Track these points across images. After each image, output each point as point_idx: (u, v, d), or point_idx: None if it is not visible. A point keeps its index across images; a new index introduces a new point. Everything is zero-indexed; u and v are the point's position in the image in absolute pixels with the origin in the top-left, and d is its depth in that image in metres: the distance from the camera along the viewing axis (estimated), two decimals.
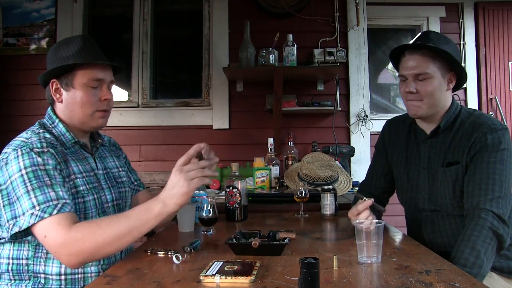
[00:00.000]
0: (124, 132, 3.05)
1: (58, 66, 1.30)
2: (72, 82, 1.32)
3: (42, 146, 1.21)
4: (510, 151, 1.37)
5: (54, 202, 1.13)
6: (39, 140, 1.22)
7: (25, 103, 3.03)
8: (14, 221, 1.13)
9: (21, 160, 1.16)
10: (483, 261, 1.20)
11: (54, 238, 1.10)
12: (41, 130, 1.29)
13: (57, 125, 1.34)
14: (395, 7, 3.22)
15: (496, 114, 3.18)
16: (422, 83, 1.42)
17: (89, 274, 1.27)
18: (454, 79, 1.46)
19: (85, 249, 1.10)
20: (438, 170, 1.46)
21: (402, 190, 1.62)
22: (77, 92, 1.32)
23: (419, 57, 1.41)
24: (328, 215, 1.80)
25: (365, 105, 3.03)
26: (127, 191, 1.51)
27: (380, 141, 1.73)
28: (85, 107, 1.33)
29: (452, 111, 1.47)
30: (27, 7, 3.09)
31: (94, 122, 1.36)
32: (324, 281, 0.94)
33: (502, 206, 1.29)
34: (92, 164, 1.39)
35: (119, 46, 3.28)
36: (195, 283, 0.96)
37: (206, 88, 3.09)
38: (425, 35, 1.48)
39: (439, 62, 1.41)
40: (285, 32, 2.81)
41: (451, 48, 1.43)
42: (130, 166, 1.65)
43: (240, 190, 1.72)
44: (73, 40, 1.35)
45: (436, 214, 1.48)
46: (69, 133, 1.34)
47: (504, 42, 3.23)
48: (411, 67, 1.42)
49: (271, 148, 2.70)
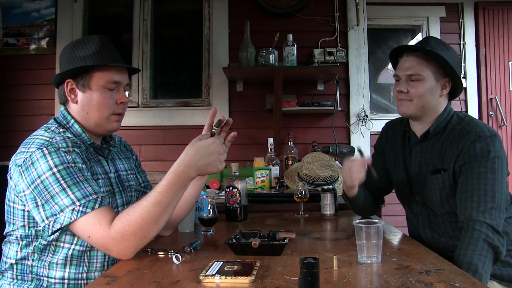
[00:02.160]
0: (124, 132, 3.02)
1: (76, 66, 1.27)
2: (89, 83, 1.29)
3: (67, 146, 1.20)
4: (500, 158, 1.34)
5: (94, 196, 1.13)
6: (63, 140, 1.21)
7: (25, 103, 3.02)
8: (54, 218, 1.12)
9: (50, 159, 1.14)
10: (481, 276, 1.20)
11: (99, 240, 1.11)
12: (61, 130, 1.27)
13: (72, 125, 1.31)
14: (395, 7, 3.22)
15: (496, 114, 3.18)
16: (414, 83, 1.44)
17: (92, 281, 1.24)
18: (448, 85, 1.46)
19: (133, 241, 1.12)
20: (427, 176, 1.46)
21: (399, 193, 1.63)
22: (94, 94, 1.29)
23: (414, 58, 1.44)
24: (328, 215, 1.80)
25: (365, 105, 3.03)
26: (133, 195, 1.48)
27: (378, 143, 1.75)
28: (102, 109, 1.30)
29: (444, 116, 1.48)
30: (27, 7, 3.09)
31: (109, 125, 1.34)
32: (324, 281, 0.94)
33: (496, 216, 1.27)
34: (106, 167, 1.37)
35: (119, 46, 3.27)
36: (195, 283, 0.96)
37: (206, 88, 3.09)
38: (425, 40, 1.50)
39: (434, 66, 1.43)
40: (285, 32, 2.81)
41: (449, 55, 1.44)
42: (140, 167, 1.61)
43: (240, 190, 1.72)
44: (90, 40, 1.32)
45: (431, 217, 1.48)
46: (85, 134, 1.31)
47: (504, 42, 3.23)
48: (405, 68, 1.45)
49: (271, 148, 2.70)
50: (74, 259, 1.22)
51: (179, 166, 1.15)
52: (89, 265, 1.25)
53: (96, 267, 1.26)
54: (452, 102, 3.11)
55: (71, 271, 1.22)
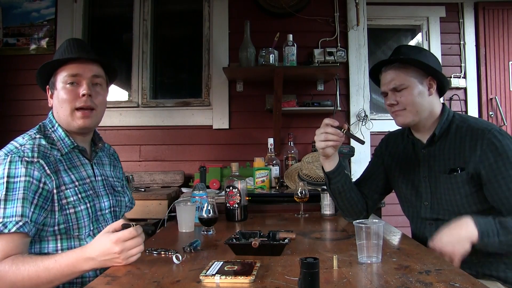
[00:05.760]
0: (124, 132, 3.05)
1: (42, 68, 1.32)
2: (55, 83, 1.31)
3: (32, 156, 1.20)
4: None
5: (17, 219, 1.12)
6: (31, 149, 1.22)
7: (25, 103, 3.03)
8: None
9: (6, 168, 1.16)
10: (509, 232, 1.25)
11: None
12: (38, 136, 1.28)
13: (56, 129, 1.33)
14: (395, 7, 3.23)
15: (496, 114, 3.18)
16: (400, 93, 1.47)
17: (87, 279, 1.25)
18: (434, 83, 1.49)
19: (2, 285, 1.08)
20: (441, 177, 1.45)
21: (404, 202, 1.62)
22: (59, 92, 1.31)
23: (392, 71, 1.48)
24: (328, 215, 1.80)
25: (365, 105, 3.03)
26: (123, 200, 1.49)
27: (378, 150, 1.74)
28: (64, 105, 1.29)
29: (445, 117, 1.49)
30: (27, 7, 3.09)
31: (74, 122, 1.31)
32: (324, 281, 0.94)
33: None
34: (88, 171, 1.37)
35: (119, 46, 3.28)
36: (195, 283, 0.96)
37: (206, 88, 3.09)
38: (397, 50, 1.54)
39: (412, 71, 1.46)
40: (285, 32, 2.81)
41: (424, 56, 1.48)
42: (127, 183, 1.64)
43: (240, 190, 1.72)
44: (62, 44, 1.36)
45: (439, 222, 1.47)
46: (68, 138, 1.32)
47: (504, 42, 3.23)
48: (387, 82, 1.49)
49: (271, 148, 2.70)
50: None
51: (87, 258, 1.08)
52: None
53: None
54: (452, 102, 3.16)
55: None
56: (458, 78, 3.20)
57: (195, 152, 3.02)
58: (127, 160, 2.99)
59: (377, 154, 1.74)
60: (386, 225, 1.48)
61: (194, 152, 3.02)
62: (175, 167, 2.99)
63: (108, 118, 3.02)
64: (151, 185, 2.88)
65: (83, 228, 1.28)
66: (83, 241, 1.28)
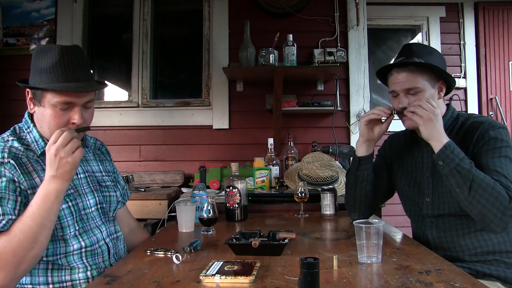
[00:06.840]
0: (124, 132, 3.05)
1: (32, 79, 1.26)
2: (41, 100, 1.25)
3: (3, 157, 1.19)
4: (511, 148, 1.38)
5: None
6: (2, 151, 1.21)
7: (25, 103, 2.99)
8: None
9: None
10: (479, 175, 1.27)
11: None
12: (10, 138, 1.27)
13: (31, 130, 1.30)
14: (395, 7, 3.23)
15: (496, 114, 3.18)
16: (413, 97, 1.44)
17: (77, 281, 1.24)
18: (444, 87, 1.49)
19: (6, 260, 1.08)
20: None
21: (406, 200, 1.62)
22: (46, 111, 1.26)
23: (406, 73, 1.44)
24: (328, 215, 1.80)
25: (365, 105, 3.03)
26: (112, 195, 1.45)
27: (382, 151, 1.74)
28: (52, 127, 1.25)
29: (449, 115, 1.50)
30: (27, 7, 3.09)
31: None
32: (324, 281, 0.94)
33: None
34: None
35: (119, 46, 3.28)
36: (195, 283, 0.96)
37: (206, 88, 3.09)
38: (408, 48, 1.50)
39: (426, 75, 1.44)
40: (285, 32, 2.81)
41: (435, 57, 1.46)
42: (119, 176, 1.60)
43: (240, 190, 1.72)
44: (51, 50, 1.26)
45: (440, 219, 1.47)
46: (42, 140, 1.29)
47: (504, 42, 3.24)
48: (401, 82, 1.45)
49: (271, 148, 2.70)
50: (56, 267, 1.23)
51: (46, 183, 1.16)
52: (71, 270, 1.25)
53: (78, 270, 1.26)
54: (452, 102, 3.16)
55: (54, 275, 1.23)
56: (458, 78, 3.21)
57: (195, 152, 3.02)
58: (127, 160, 2.99)
59: (381, 154, 1.74)
60: (386, 225, 1.48)
61: (194, 152, 3.02)
62: (175, 167, 2.99)
63: (108, 118, 3.03)
64: (151, 185, 2.88)
65: (67, 228, 1.25)
66: (68, 241, 1.25)
